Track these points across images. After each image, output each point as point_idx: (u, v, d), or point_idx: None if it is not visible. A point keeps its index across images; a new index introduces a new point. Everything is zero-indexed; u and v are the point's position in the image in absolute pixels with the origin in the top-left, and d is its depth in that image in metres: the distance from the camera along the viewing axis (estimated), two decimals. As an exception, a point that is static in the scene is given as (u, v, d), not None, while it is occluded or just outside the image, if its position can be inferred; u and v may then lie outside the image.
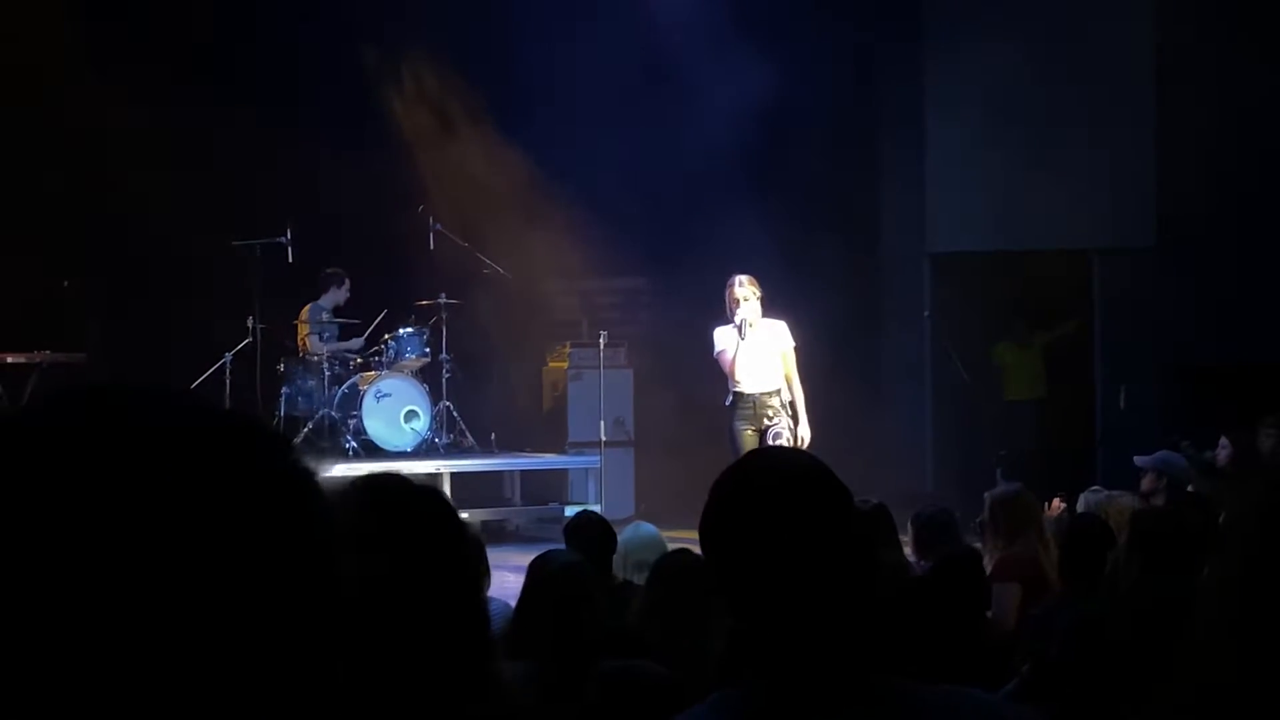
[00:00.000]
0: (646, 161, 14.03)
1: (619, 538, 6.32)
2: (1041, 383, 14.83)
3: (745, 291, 10.16)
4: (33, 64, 13.15)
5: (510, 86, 14.18)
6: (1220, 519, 5.96)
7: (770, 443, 9.80)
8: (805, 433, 10.22)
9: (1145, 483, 8.27)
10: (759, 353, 10.13)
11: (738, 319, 10.09)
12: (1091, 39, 14.36)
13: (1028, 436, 14.28)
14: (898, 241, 15.34)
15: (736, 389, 10.15)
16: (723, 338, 10.21)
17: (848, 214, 15.00)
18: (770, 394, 10.15)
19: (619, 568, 6.18)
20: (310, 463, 0.99)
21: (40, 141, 13.54)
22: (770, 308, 10.42)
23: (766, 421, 10.10)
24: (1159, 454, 8.52)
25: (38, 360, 13.04)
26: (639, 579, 6.01)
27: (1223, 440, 8.96)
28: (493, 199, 14.03)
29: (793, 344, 10.35)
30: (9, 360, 13.01)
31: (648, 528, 6.73)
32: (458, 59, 14.22)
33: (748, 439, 10.02)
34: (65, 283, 13.56)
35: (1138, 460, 8.46)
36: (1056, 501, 7.78)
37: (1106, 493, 7.38)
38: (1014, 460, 12.88)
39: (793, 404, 10.24)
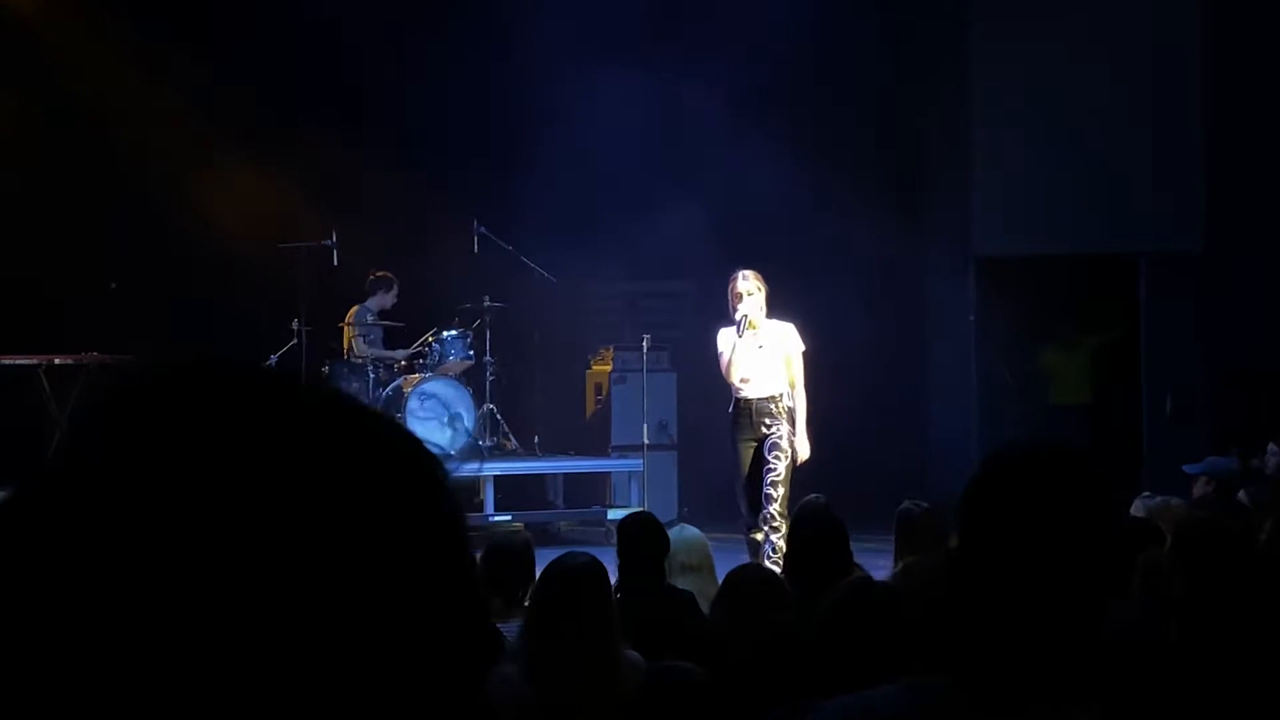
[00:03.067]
0: (690, 166, 14.02)
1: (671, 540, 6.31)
2: (1088, 387, 14.74)
3: (749, 285, 9.40)
4: (79, 66, 13.25)
5: (552, 84, 14.19)
6: (1269, 526, 5.90)
7: (767, 454, 9.21)
8: (803, 448, 9.41)
9: (1196, 488, 8.20)
10: (760, 355, 9.40)
11: (738, 315, 9.36)
12: (1140, 39, 14.26)
13: (1074, 441, 14.18)
14: (943, 245, 15.27)
15: (735, 394, 9.42)
16: (724, 339, 9.48)
17: (893, 217, 14.94)
18: (768, 399, 9.38)
19: (670, 571, 6.17)
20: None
21: (87, 145, 13.63)
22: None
23: (764, 430, 9.34)
24: (1207, 460, 8.46)
25: (85, 362, 13.13)
26: (683, 582, 5.99)
27: (1271, 447, 8.89)
28: (534, 203, 14.05)
29: (801, 347, 9.60)
30: (56, 362, 13.10)
31: (692, 531, 6.72)
32: (518, 56, 14.24)
33: (745, 452, 9.36)
34: (112, 285, 13.65)
35: (1187, 469, 8.40)
36: None
37: (1161, 498, 7.31)
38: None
39: (793, 412, 9.47)
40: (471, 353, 13.85)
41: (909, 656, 2.16)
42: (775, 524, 9.03)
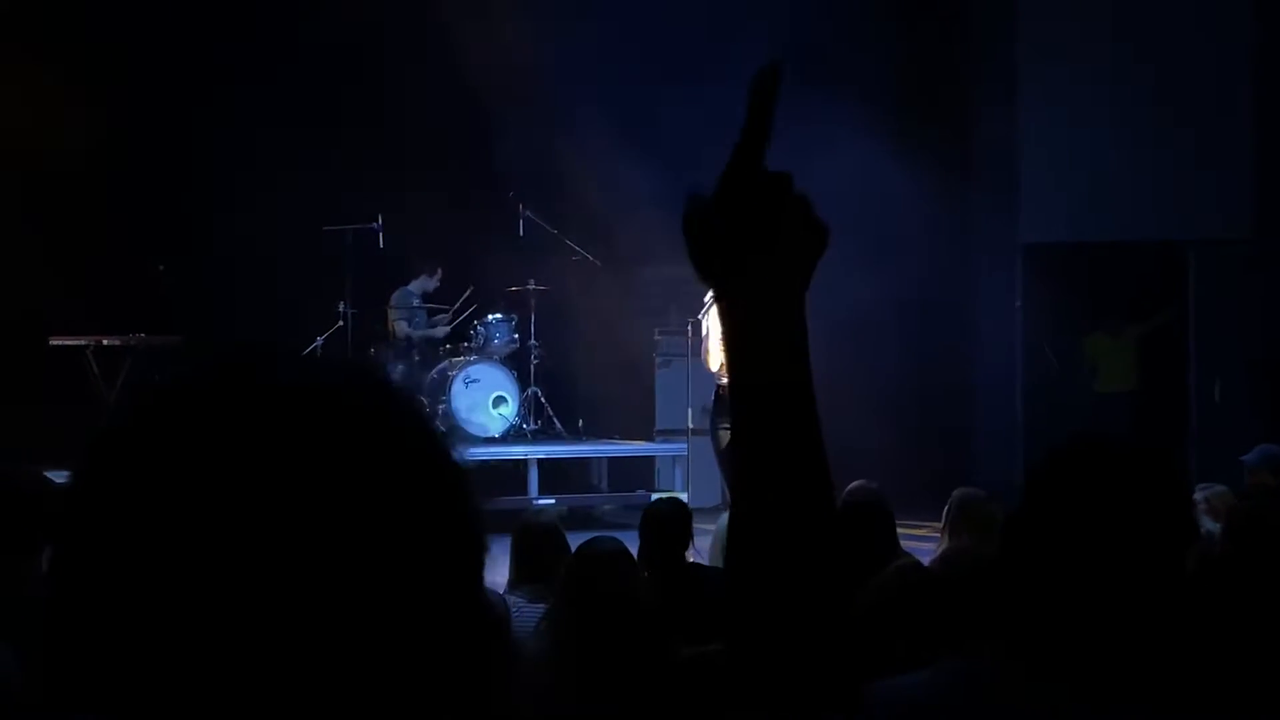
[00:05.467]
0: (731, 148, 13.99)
1: (715, 526, 6.29)
2: (1134, 375, 14.66)
3: None
4: (129, 49, 13.32)
5: (598, 68, 14.18)
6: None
7: None
8: None
9: (1251, 477, 8.13)
10: None
11: (707, 298, 8.69)
12: (1190, 25, 14.15)
13: (1120, 429, 14.11)
14: (990, 232, 15.20)
15: (716, 380, 8.72)
16: (710, 321, 8.69)
17: (940, 203, 14.88)
18: None
19: (713, 556, 6.14)
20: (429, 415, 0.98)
21: (134, 126, 13.70)
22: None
23: None
24: (1258, 449, 8.39)
25: (133, 343, 13.21)
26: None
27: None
28: (580, 185, 14.05)
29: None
30: (104, 343, 13.18)
31: None
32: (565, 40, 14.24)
33: (722, 438, 8.61)
34: (160, 267, 13.72)
35: (1245, 459, 8.32)
36: None
37: (1216, 487, 7.24)
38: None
39: None
40: (516, 336, 13.88)
41: (954, 641, 2.16)
42: None
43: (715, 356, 8.70)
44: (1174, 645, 1.79)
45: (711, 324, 8.69)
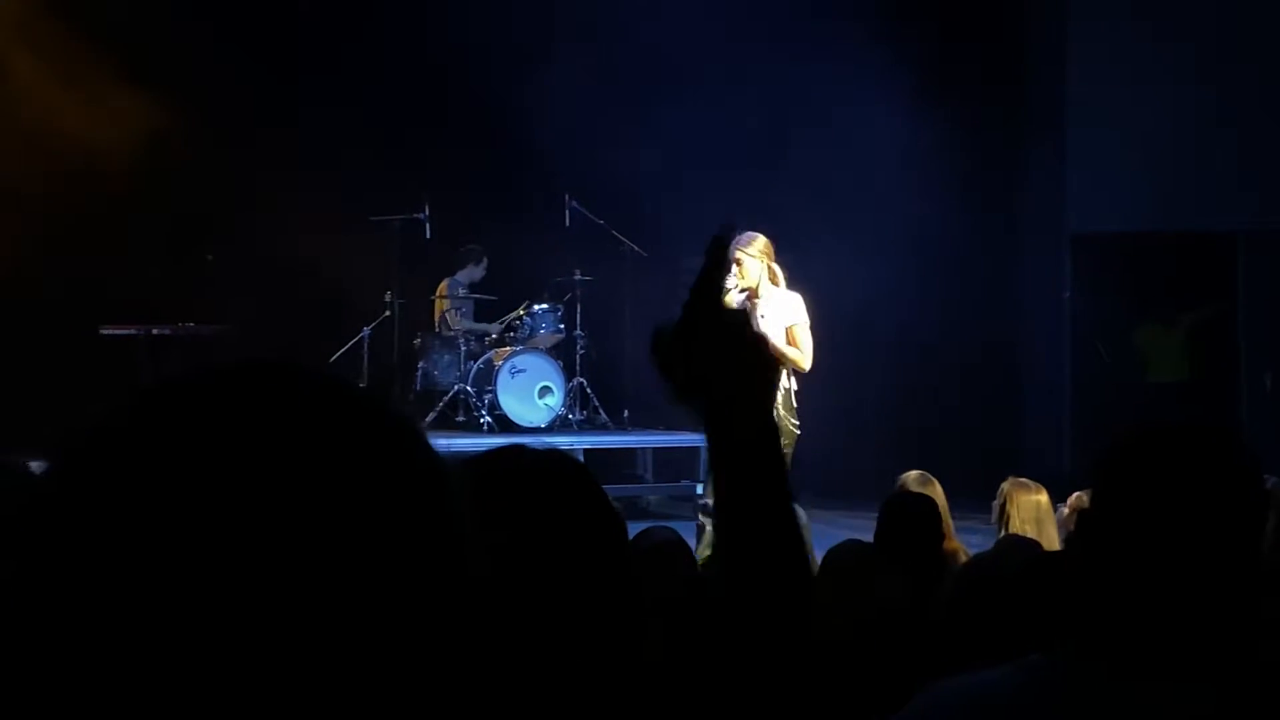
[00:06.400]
0: (781, 143, 13.96)
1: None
2: (1185, 365, 14.57)
3: (747, 253, 8.60)
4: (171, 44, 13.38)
5: (655, 65, 14.18)
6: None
7: None
8: (789, 430, 8.36)
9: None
10: (761, 327, 8.31)
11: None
12: (1241, 12, 14.04)
13: (1170, 419, 14.01)
14: (1038, 221, 15.13)
15: None
16: None
17: (986, 193, 14.82)
18: None
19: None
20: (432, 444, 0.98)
21: (184, 117, 13.76)
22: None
23: None
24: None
25: (181, 333, 13.28)
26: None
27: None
28: (626, 176, 14.04)
29: (802, 320, 8.72)
30: (154, 332, 13.26)
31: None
32: (607, 31, 14.23)
33: None
34: (209, 256, 13.79)
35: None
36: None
37: (1274, 479, 7.16)
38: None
39: (792, 394, 8.64)
40: (562, 326, 13.89)
41: (1018, 636, 2.14)
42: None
43: None
44: (1256, 633, 1.78)
45: None
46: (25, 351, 12.67)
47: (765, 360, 1.62)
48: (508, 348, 13.62)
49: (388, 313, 13.83)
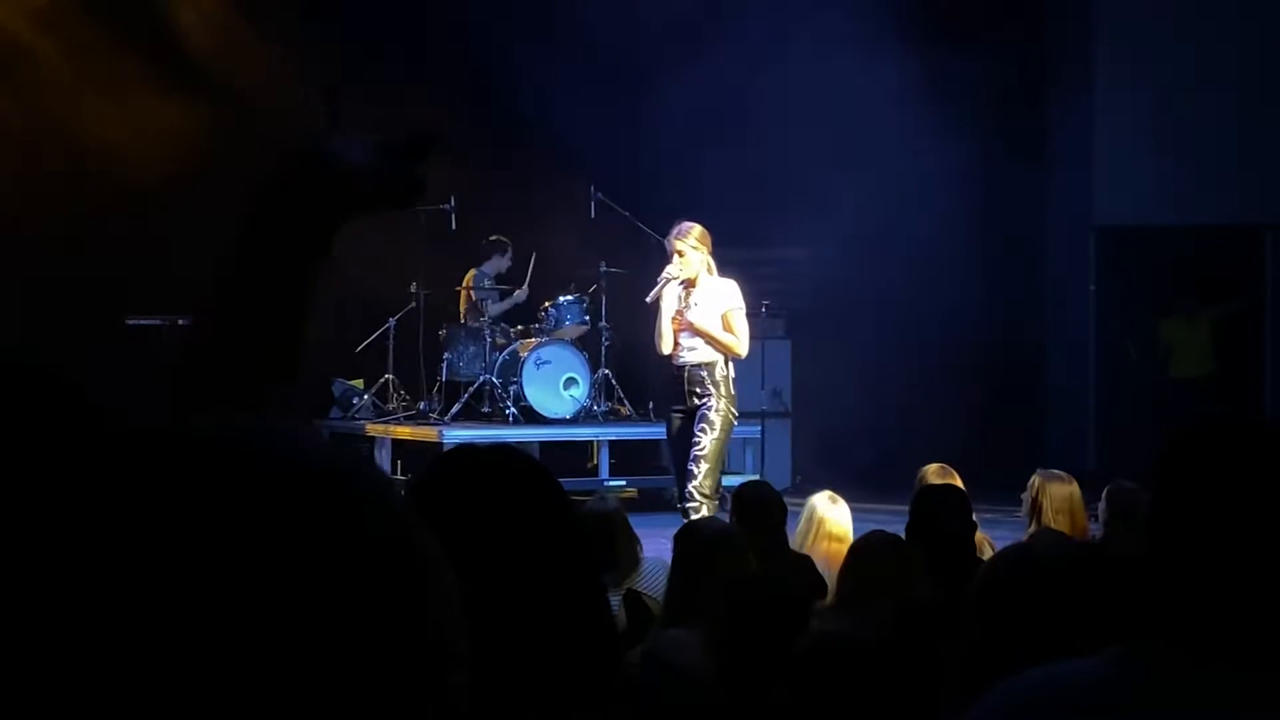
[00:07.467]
0: (806, 136, 13.95)
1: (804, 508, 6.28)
2: (1210, 359, 14.53)
3: (685, 244, 8.61)
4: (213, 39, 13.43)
5: (670, 52, 14.18)
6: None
7: (696, 425, 8.29)
8: (716, 418, 8.34)
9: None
10: (693, 315, 8.51)
11: (660, 277, 8.61)
12: (1268, 6, 13.99)
13: (1195, 413, 13.99)
14: (1064, 214, 15.11)
15: (671, 361, 8.62)
16: (666, 300, 8.64)
17: (1012, 186, 14.80)
18: (700, 367, 8.46)
19: (798, 541, 6.13)
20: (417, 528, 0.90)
21: (208, 110, 13.80)
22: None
23: (695, 400, 8.43)
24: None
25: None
26: (817, 552, 5.97)
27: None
28: (651, 169, 14.06)
29: (737, 305, 8.57)
30: (180, 323, 13.29)
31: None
32: (630, 26, 14.24)
33: (675, 423, 8.57)
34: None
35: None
36: None
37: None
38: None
39: (730, 381, 8.52)
40: (587, 318, 13.90)
41: (1062, 630, 2.14)
42: (694, 503, 8.16)
43: (666, 340, 8.61)
44: None
45: (664, 305, 8.63)
46: (55, 341, 12.73)
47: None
48: (533, 339, 13.65)
49: (413, 304, 13.86)
